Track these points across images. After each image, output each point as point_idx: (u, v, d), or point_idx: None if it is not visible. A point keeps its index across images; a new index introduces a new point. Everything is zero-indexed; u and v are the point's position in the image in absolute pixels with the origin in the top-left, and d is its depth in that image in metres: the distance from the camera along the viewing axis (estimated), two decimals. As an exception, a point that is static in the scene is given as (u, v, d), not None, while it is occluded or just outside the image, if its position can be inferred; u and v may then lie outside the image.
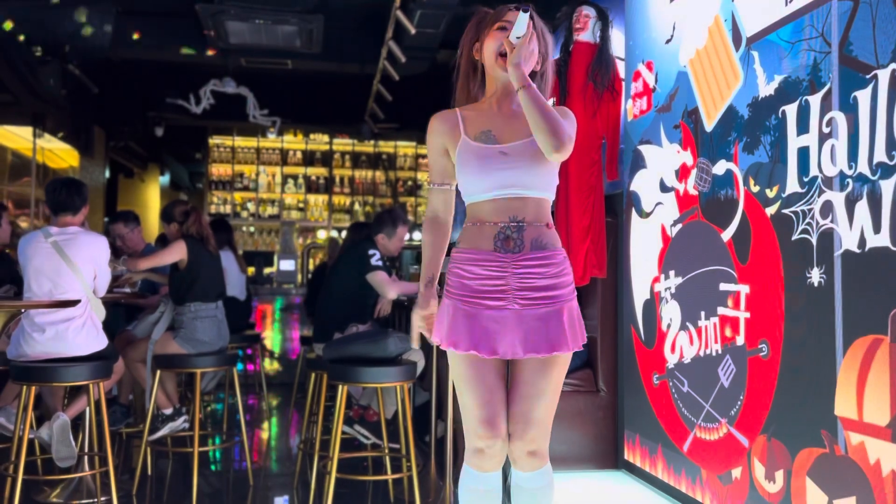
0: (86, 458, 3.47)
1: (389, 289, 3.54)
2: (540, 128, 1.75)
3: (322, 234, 9.83)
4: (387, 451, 3.52)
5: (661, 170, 3.06)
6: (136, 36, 5.55)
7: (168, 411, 3.82)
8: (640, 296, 3.23)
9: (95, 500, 3.31)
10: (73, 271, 3.23)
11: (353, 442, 3.89)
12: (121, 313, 4.43)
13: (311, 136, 9.94)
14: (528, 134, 1.83)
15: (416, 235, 8.74)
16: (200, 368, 3.63)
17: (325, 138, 9.95)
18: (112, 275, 3.53)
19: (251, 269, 7.49)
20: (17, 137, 7.25)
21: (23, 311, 2.96)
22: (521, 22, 1.80)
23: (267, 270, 8.09)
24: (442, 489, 3.17)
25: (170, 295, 3.86)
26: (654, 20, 3.17)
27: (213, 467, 4.02)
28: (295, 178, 9.94)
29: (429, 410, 3.84)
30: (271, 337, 7.02)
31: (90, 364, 3.11)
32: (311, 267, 8.32)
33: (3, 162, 7.14)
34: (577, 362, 3.53)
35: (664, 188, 3.02)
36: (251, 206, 9.77)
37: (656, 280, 3.08)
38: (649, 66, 3.18)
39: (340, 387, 3.10)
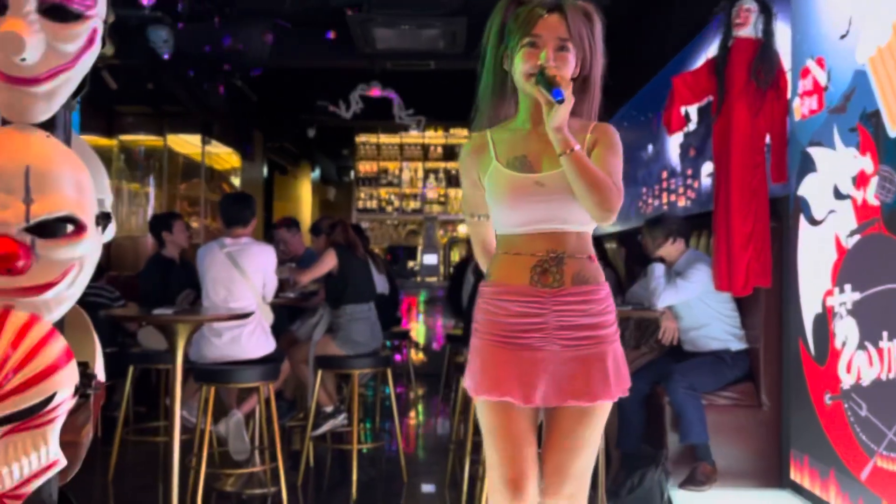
0: (256, 451, 3.75)
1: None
2: (588, 198, 1.55)
3: (464, 229, 9.96)
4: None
5: (834, 175, 2.84)
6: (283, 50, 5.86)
7: (329, 409, 4.05)
8: (809, 308, 3.03)
9: (266, 490, 3.57)
10: (245, 280, 3.49)
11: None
12: (284, 314, 4.72)
13: (451, 130, 10.07)
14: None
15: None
16: (358, 370, 3.82)
17: (465, 132, 10.05)
18: (278, 280, 3.79)
19: (387, 258, 7.71)
20: (188, 144, 7.89)
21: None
22: (546, 91, 1.52)
23: (410, 264, 8.33)
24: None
25: (326, 300, 4.09)
26: (825, 13, 2.94)
27: (369, 462, 4.21)
28: (436, 172, 10.13)
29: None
30: (416, 329, 7.23)
31: (261, 367, 3.35)
32: (453, 260, 8.47)
33: (176, 166, 7.80)
34: (737, 374, 3.38)
35: (839, 195, 2.81)
36: (395, 201, 10.06)
37: (829, 293, 2.87)
38: (820, 63, 2.95)
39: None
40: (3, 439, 0.85)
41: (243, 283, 3.50)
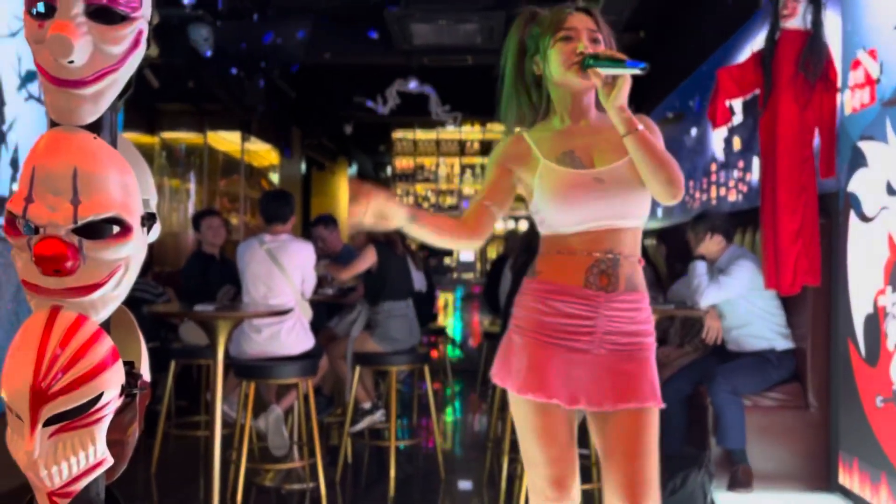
0: (295, 447, 3.78)
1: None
2: (656, 177, 1.52)
3: (500, 225, 9.92)
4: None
5: (887, 170, 2.74)
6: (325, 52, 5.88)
7: (367, 405, 4.06)
8: (859, 308, 2.94)
9: (304, 485, 3.60)
10: (284, 276, 3.52)
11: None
12: (322, 310, 4.75)
13: (488, 125, 10.04)
14: (619, 155, 1.58)
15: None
16: (395, 366, 3.82)
17: (502, 127, 10.00)
18: (316, 277, 3.81)
19: (423, 254, 7.71)
20: (227, 141, 7.99)
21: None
22: (620, 68, 1.50)
23: (447, 260, 8.32)
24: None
25: (364, 296, 4.10)
26: (878, 3, 2.84)
27: (406, 458, 4.21)
28: (472, 167, 10.11)
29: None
30: (452, 325, 7.23)
31: (300, 363, 3.37)
32: (489, 257, 8.45)
33: (216, 163, 7.90)
34: (783, 375, 3.30)
35: (892, 191, 2.71)
36: (432, 197, 10.07)
37: (881, 293, 2.78)
38: (872, 55, 2.86)
39: (531, 393, 3.13)
40: (52, 438, 0.86)
41: (283, 280, 3.52)
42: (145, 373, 0.98)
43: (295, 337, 3.52)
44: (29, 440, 0.85)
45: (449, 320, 7.23)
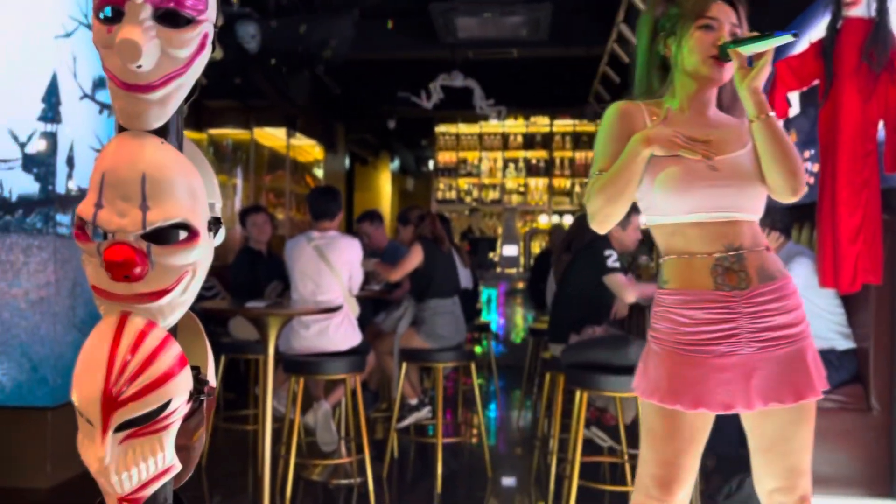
0: (342, 443, 3.80)
1: (628, 292, 3.43)
2: (781, 167, 1.50)
3: (544, 219, 9.83)
4: (626, 457, 3.44)
5: (958, 164, 2.63)
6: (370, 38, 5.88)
7: (413, 402, 4.06)
8: (927, 308, 2.82)
9: (352, 480, 3.61)
10: (333, 273, 3.53)
11: (589, 444, 3.86)
12: (368, 306, 4.77)
13: (532, 118, 9.94)
14: (735, 147, 1.57)
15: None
16: (442, 363, 3.81)
17: (546, 120, 9.90)
18: (363, 273, 3.81)
19: (466, 248, 7.71)
20: (273, 137, 8.07)
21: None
22: (767, 41, 1.45)
23: (490, 255, 8.28)
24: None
25: (411, 293, 4.09)
26: (951, -13, 2.71)
27: (451, 455, 4.20)
28: (515, 161, 10.02)
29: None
30: (496, 321, 7.19)
31: (348, 358, 3.38)
32: (533, 251, 8.38)
33: (262, 158, 7.99)
34: (843, 376, 3.19)
35: (964, 186, 2.59)
36: (475, 192, 10.01)
37: (951, 292, 2.66)
38: (943, 42, 2.73)
39: (579, 392, 3.08)
40: (122, 444, 0.86)
41: (331, 277, 3.54)
42: (211, 378, 0.98)
43: (343, 333, 3.53)
44: (100, 446, 0.85)
45: (492, 316, 7.18)
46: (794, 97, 3.91)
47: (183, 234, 0.88)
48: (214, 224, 0.92)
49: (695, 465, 1.61)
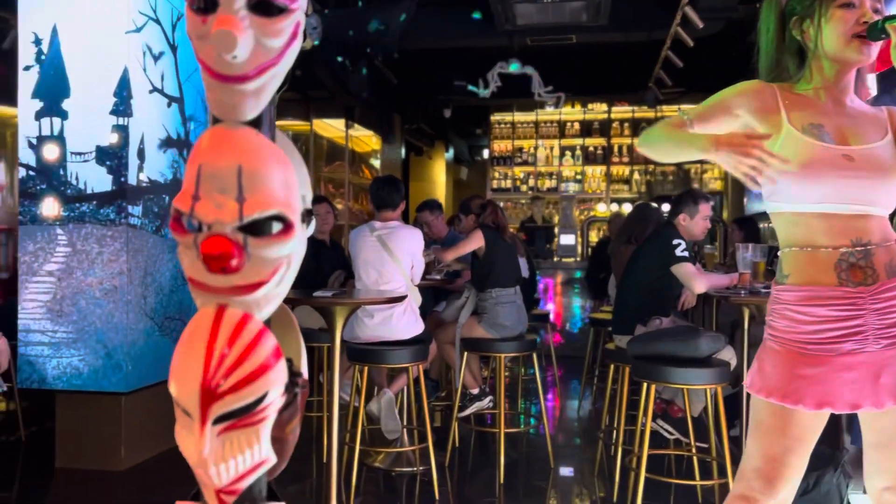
0: (405, 431, 3.82)
1: (697, 282, 3.33)
2: None
3: (602, 207, 9.69)
4: (694, 450, 3.37)
5: None
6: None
7: (475, 391, 4.05)
8: None
9: (414, 468, 3.63)
10: (395, 262, 3.54)
11: (655, 436, 3.79)
12: (429, 295, 4.77)
13: (589, 105, 9.78)
14: (872, 139, 1.49)
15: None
16: (504, 353, 3.79)
17: (604, 107, 9.73)
18: (424, 262, 3.81)
19: (522, 237, 7.64)
20: (332, 128, 8.14)
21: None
22: None
23: (547, 245, 8.19)
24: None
25: (472, 282, 4.07)
26: None
27: (511, 445, 4.18)
28: (572, 149, 9.89)
29: (736, 403, 3.61)
30: (553, 310, 7.13)
31: (412, 347, 3.39)
32: (591, 240, 8.26)
33: (321, 149, 8.08)
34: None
35: None
36: (530, 180, 9.92)
37: None
38: None
39: (646, 385, 3.02)
40: (220, 437, 0.86)
41: (393, 266, 3.55)
42: (304, 370, 0.97)
43: (406, 322, 3.54)
44: (199, 438, 0.85)
45: (550, 305, 7.12)
46: (871, 79, 3.74)
47: (278, 226, 0.87)
48: (307, 216, 0.91)
49: (802, 465, 1.56)
